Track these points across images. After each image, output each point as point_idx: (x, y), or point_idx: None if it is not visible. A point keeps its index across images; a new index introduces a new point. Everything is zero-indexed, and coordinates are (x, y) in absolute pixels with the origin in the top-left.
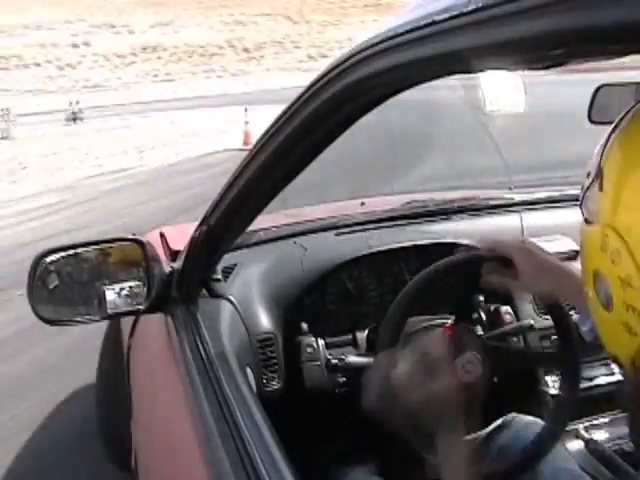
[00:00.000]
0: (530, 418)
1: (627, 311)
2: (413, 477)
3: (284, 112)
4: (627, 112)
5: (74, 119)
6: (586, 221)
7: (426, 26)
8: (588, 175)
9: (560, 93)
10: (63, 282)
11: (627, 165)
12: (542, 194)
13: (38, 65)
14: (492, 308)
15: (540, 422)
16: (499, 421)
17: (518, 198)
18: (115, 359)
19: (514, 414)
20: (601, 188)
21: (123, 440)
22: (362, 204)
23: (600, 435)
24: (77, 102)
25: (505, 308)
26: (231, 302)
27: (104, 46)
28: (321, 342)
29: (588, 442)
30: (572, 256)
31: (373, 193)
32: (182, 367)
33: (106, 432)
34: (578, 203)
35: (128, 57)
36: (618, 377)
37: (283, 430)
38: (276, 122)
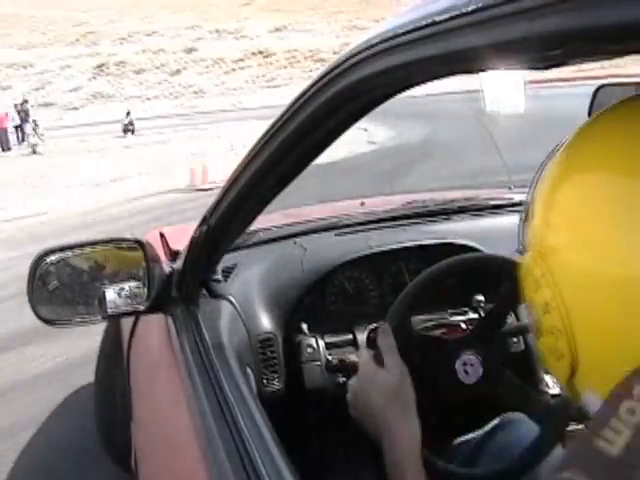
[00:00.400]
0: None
1: (552, 335)
2: None
3: (284, 112)
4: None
5: (126, 131)
6: (521, 253)
7: (426, 26)
8: (524, 208)
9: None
10: (63, 282)
11: (553, 188)
12: None
13: (147, 71)
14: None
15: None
16: (497, 420)
17: (518, 198)
18: (115, 359)
19: (513, 414)
20: (532, 215)
21: (123, 440)
22: (362, 204)
23: None
24: (128, 113)
25: None
26: (231, 302)
27: (216, 52)
28: (321, 342)
29: None
30: None
31: (373, 193)
32: (182, 367)
33: (106, 432)
34: None
35: (238, 62)
36: None
37: (283, 430)
38: (276, 122)
